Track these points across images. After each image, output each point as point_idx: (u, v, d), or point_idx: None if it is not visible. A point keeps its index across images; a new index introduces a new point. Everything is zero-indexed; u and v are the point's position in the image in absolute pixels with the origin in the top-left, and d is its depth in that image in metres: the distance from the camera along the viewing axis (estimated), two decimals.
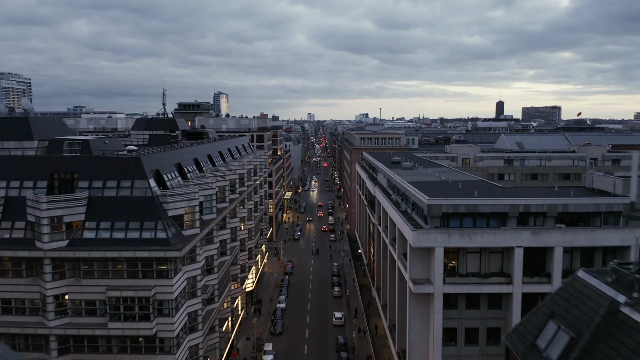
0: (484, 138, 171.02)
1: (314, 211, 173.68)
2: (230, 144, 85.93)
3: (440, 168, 69.40)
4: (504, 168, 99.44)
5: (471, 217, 43.31)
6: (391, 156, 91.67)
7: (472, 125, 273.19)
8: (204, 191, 51.69)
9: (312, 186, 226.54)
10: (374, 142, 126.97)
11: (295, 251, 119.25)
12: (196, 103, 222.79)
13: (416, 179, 57.66)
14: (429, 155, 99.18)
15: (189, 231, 45.58)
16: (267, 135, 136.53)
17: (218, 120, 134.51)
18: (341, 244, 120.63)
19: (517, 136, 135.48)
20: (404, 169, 68.19)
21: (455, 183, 53.70)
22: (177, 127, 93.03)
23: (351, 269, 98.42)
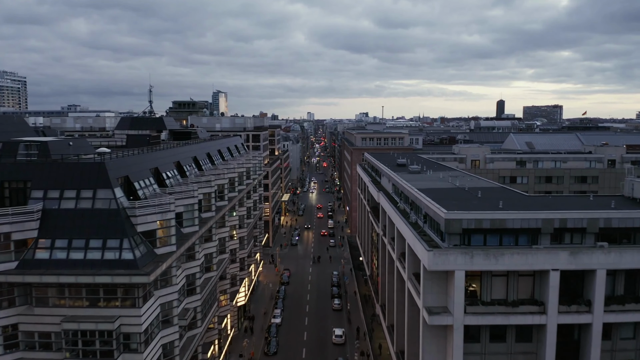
0: (490, 138, 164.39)
1: (313, 214, 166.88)
2: (221, 144, 79.09)
3: (452, 172, 62.60)
4: (517, 170, 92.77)
5: (497, 234, 36.50)
6: (395, 158, 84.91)
7: (475, 124, 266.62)
8: (185, 200, 44.86)
9: (311, 187, 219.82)
10: (376, 142, 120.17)
11: (293, 258, 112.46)
12: (191, 102, 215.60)
13: (426, 185, 50.88)
14: (435, 156, 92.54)
15: (163, 249, 38.76)
16: (263, 134, 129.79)
17: (211, 119, 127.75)
18: (341, 250, 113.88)
19: (526, 136, 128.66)
20: (411, 173, 61.41)
21: (472, 190, 46.87)
22: (164, 126, 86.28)
23: (352, 280, 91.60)
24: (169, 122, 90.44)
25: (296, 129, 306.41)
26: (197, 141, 72.66)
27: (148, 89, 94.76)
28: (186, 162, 57.05)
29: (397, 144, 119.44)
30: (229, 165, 68.96)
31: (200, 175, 57.66)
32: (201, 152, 65.35)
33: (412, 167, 62.22)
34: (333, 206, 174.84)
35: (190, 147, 63.94)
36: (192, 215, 45.78)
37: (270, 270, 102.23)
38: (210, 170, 63.39)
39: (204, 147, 69.06)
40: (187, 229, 45.29)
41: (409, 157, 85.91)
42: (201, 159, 63.77)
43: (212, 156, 69.39)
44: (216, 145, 76.46)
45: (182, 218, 44.75)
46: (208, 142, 74.32)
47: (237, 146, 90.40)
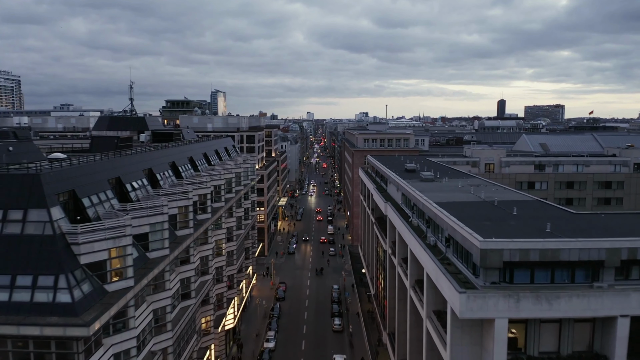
0: (498, 138, 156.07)
1: (312, 219, 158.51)
2: (208, 146, 70.69)
3: (471, 179, 54.24)
4: (535, 175, 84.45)
5: (547, 268, 28.13)
6: (402, 162, 76.62)
7: (479, 124, 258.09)
8: (151, 218, 36.56)
9: (310, 190, 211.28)
10: (379, 144, 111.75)
11: (290, 268, 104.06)
12: (185, 100, 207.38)
13: (445, 197, 42.56)
14: (446, 160, 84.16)
15: (117, 284, 30.41)
16: (258, 135, 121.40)
17: (203, 119, 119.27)
18: (342, 261, 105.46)
19: (539, 136, 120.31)
20: (424, 181, 53.05)
21: (504, 206, 38.50)
22: (146, 126, 78.05)
23: (354, 298, 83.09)
24: (152, 122, 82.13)
25: (295, 129, 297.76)
26: (180, 143, 64.28)
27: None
28: (161, 169, 48.66)
29: (401, 146, 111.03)
30: (216, 170, 60.58)
31: (179, 183, 49.26)
32: (182, 157, 56.97)
33: (424, 174, 53.82)
34: (333, 210, 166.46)
35: (169, 150, 55.54)
36: (161, 237, 37.42)
37: (265, 283, 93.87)
38: (192, 177, 55.00)
39: (187, 151, 60.68)
40: (155, 253, 36.95)
41: (417, 160, 77.64)
42: (182, 164, 55.37)
43: (196, 161, 60.99)
44: (202, 147, 68.09)
45: (147, 240, 36.44)
46: (193, 145, 65.94)
47: (228, 148, 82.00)
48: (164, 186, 45.50)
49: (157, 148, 55.05)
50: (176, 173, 52.40)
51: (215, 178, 57.81)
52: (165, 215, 37.43)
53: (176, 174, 52.21)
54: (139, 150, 49.94)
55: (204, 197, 51.03)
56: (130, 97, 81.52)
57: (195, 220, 48.30)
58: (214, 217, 53.75)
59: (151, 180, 45.95)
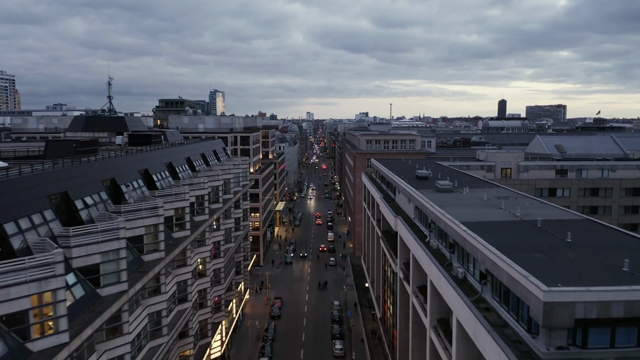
0: (505, 139, 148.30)
1: (311, 223, 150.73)
2: (193, 150, 62.92)
3: (496, 190, 46.36)
4: (557, 181, 76.60)
5: (633, 327, 20.26)
6: (410, 166, 68.94)
7: (483, 124, 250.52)
8: (103, 244, 28.75)
9: (309, 194, 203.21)
10: (383, 145, 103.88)
11: (287, 280, 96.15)
12: (180, 100, 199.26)
13: (471, 215, 34.78)
14: (458, 164, 76.34)
15: (43, 341, 22.62)
16: (254, 136, 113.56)
17: (194, 119, 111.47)
18: (344, 274, 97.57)
19: (554, 138, 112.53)
20: (441, 192, 45.22)
21: (550, 227, 30.62)
22: (126, 126, 70.32)
23: (357, 318, 75.07)
24: (134, 123, 74.33)
25: (294, 130, 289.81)
26: (160, 147, 56.44)
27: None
28: (130, 179, 40.81)
29: (407, 148, 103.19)
30: (199, 178, 52.70)
31: (150, 196, 41.39)
32: (159, 163, 49.14)
33: (441, 184, 45.94)
34: (333, 215, 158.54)
35: (144, 155, 47.74)
36: (116, 267, 29.60)
37: (259, 299, 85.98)
38: (170, 186, 47.13)
39: (166, 155, 52.88)
40: (109, 289, 29.17)
41: (427, 165, 69.87)
42: (158, 171, 47.54)
43: (176, 167, 53.17)
44: (186, 151, 60.29)
45: (98, 274, 28.63)
46: (175, 148, 58.15)
47: (217, 151, 74.17)
48: (130, 200, 37.61)
49: (129, 152, 47.22)
50: (149, 183, 44.55)
51: (198, 187, 50.00)
52: (121, 241, 29.61)
53: (149, 184, 44.36)
54: (105, 156, 42.07)
55: (181, 211, 43.19)
56: (109, 94, 73.74)
57: (169, 240, 40.53)
58: (195, 233, 45.93)
59: (115, 192, 38.15)
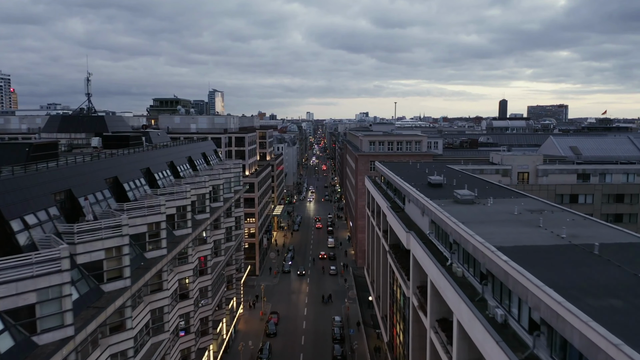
0: (513, 140, 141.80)
1: (311, 227, 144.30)
2: (179, 153, 56.39)
3: (525, 200, 39.77)
4: (579, 186, 70.01)
5: None
6: (418, 170, 62.57)
7: (486, 124, 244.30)
8: (40, 279, 22.19)
9: (308, 196, 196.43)
10: (387, 147, 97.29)
11: (284, 292, 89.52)
12: (175, 99, 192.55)
13: (504, 235, 28.29)
14: (471, 167, 69.80)
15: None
16: (249, 137, 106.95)
17: (185, 119, 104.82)
18: (345, 287, 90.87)
19: (569, 139, 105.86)
20: (461, 203, 38.66)
21: (612, 255, 23.99)
22: (105, 127, 63.79)
23: (361, 340, 68.22)
24: (115, 122, 67.72)
25: (293, 130, 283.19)
26: (138, 150, 49.84)
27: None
28: (95, 189, 34.25)
29: (412, 149, 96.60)
30: (180, 186, 46.06)
31: (117, 209, 34.78)
32: (134, 169, 42.55)
33: (460, 194, 39.32)
34: (333, 219, 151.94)
35: (116, 160, 41.16)
36: (58, 307, 23.04)
37: (254, 313, 79.35)
38: (143, 196, 40.53)
39: (145, 160, 46.31)
40: (46, 336, 22.61)
41: (437, 169, 63.39)
42: (132, 179, 40.96)
43: (156, 173, 46.59)
44: (170, 154, 53.75)
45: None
46: (156, 151, 51.56)
47: (207, 154, 67.61)
48: (88, 217, 30.97)
49: (95, 158, 40.63)
50: (118, 193, 37.96)
51: (180, 196, 43.41)
52: (65, 274, 23.02)
53: (118, 195, 37.77)
54: (64, 161, 35.48)
55: (156, 226, 36.60)
56: (87, 92, 67.07)
57: (141, 262, 33.95)
58: (174, 250, 39.35)
59: (72, 206, 31.57)
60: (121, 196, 37.97)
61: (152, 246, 36.56)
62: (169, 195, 42.48)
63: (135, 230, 34.37)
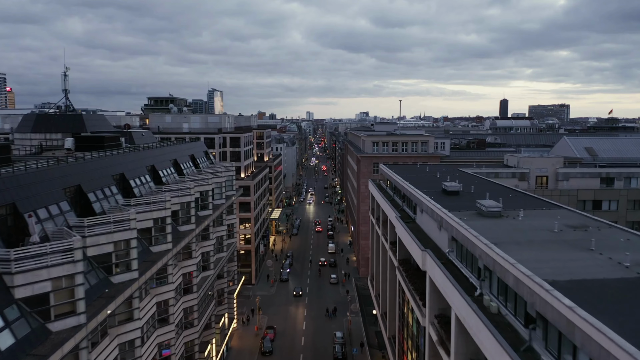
0: (520, 140, 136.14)
1: (311, 230, 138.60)
2: (162, 156, 50.50)
3: (560, 212, 33.90)
4: (602, 192, 64.14)
5: None
6: (428, 173, 56.91)
7: (490, 124, 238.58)
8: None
9: (308, 198, 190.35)
10: (392, 148, 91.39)
11: (281, 303, 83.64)
12: (170, 98, 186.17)
13: (553, 263, 22.60)
14: (485, 171, 63.96)
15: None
16: (245, 137, 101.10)
17: (177, 118, 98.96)
18: (348, 299, 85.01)
19: (583, 139, 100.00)
20: (487, 216, 32.83)
21: None
22: (84, 126, 57.97)
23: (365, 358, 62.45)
24: (94, 121, 61.81)
25: (293, 129, 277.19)
26: (116, 152, 43.92)
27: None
28: (50, 201, 28.39)
29: (419, 150, 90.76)
30: (160, 195, 40.15)
31: (78, 223, 28.90)
32: (103, 176, 36.65)
33: (486, 205, 33.39)
34: (334, 222, 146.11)
35: (76, 167, 35.24)
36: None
37: (248, 329, 73.45)
38: (115, 207, 34.61)
39: (118, 164, 40.42)
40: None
41: (447, 172, 57.63)
42: (100, 187, 35.07)
43: (132, 179, 40.69)
44: (152, 157, 47.85)
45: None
46: (136, 154, 45.68)
47: (197, 156, 61.72)
48: (34, 238, 25.04)
49: (54, 163, 34.74)
50: (82, 205, 32.09)
51: (158, 206, 37.54)
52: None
53: (82, 208, 31.91)
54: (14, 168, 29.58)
55: (123, 245, 30.73)
56: (64, 88, 61.08)
57: (105, 289, 28.13)
58: (149, 272, 33.49)
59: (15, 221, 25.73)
60: (86, 209, 32.11)
61: (120, 269, 30.70)
62: (144, 206, 36.65)
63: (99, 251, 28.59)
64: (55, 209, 28.70)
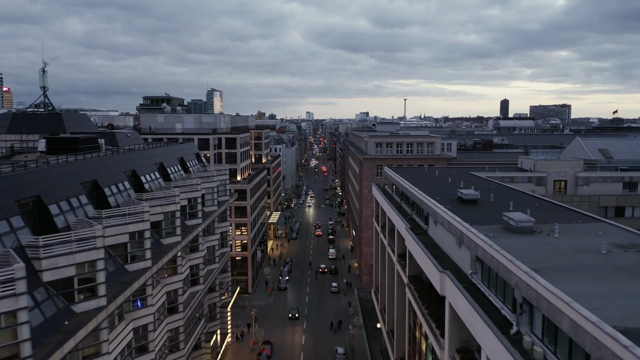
0: (527, 141, 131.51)
1: (310, 234, 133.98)
2: (145, 159, 45.68)
3: (599, 227, 29.09)
4: (625, 197, 59.32)
5: None
6: (437, 177, 52.17)
7: (494, 124, 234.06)
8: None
9: (308, 201, 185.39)
10: (396, 150, 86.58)
11: (279, 314, 78.83)
12: (167, 97, 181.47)
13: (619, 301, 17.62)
14: (499, 175, 59.17)
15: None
16: (242, 138, 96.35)
17: (170, 118, 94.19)
18: (350, 311, 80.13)
19: (597, 140, 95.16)
20: (517, 232, 28.07)
21: None
22: (63, 127, 53.33)
23: None
24: (75, 122, 57.05)
25: (292, 130, 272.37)
26: (92, 155, 39.10)
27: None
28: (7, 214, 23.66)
29: (425, 152, 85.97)
30: (138, 205, 35.29)
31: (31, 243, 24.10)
32: (71, 184, 31.82)
33: (515, 218, 28.57)
34: (334, 226, 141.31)
35: (38, 174, 30.43)
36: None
37: (244, 344, 68.67)
38: (80, 222, 29.74)
39: (92, 170, 35.59)
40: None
41: (460, 176, 52.94)
42: (63, 198, 30.23)
43: (106, 187, 35.85)
44: (134, 161, 43.02)
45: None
46: (114, 157, 40.85)
47: (186, 159, 56.91)
48: None
49: (27, 167, 29.94)
50: (42, 219, 27.29)
51: (134, 218, 32.70)
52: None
53: (42, 222, 27.12)
54: None
55: (89, 265, 25.96)
56: (42, 85, 56.33)
57: (67, 319, 23.34)
58: (120, 297, 28.68)
59: None
60: (45, 224, 27.30)
61: (83, 295, 25.90)
62: (119, 218, 31.83)
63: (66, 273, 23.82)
64: (4, 227, 23.87)
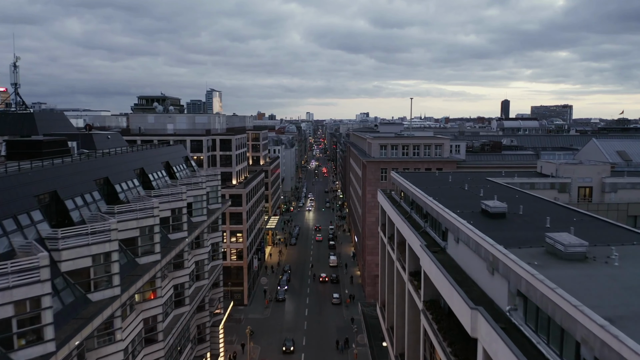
0: (535, 142, 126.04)
1: (310, 239, 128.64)
2: (121, 165, 40.22)
3: None
4: None
5: None
6: (451, 183, 46.88)
7: (497, 125, 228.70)
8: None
9: (307, 204, 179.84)
10: (402, 152, 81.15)
11: (277, 329, 73.32)
12: (162, 97, 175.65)
13: None
14: (519, 180, 53.85)
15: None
16: (237, 140, 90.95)
17: (161, 118, 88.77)
18: (353, 328, 74.63)
19: (615, 142, 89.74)
20: (567, 259, 22.64)
21: None
22: (34, 127, 47.82)
23: None
24: (48, 122, 51.53)
25: (292, 130, 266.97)
26: (59, 160, 33.67)
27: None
28: None
29: (432, 155, 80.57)
30: (105, 222, 29.77)
31: None
32: (23, 196, 26.37)
33: (565, 242, 23.13)
34: (335, 230, 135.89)
35: None
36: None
37: None
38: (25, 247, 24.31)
39: (49, 180, 30.10)
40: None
41: (477, 182, 47.62)
42: (14, 214, 24.78)
43: (70, 199, 30.37)
44: (108, 167, 37.56)
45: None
46: (83, 164, 35.36)
47: (172, 163, 51.45)
48: None
49: None
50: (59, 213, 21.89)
51: (100, 237, 27.24)
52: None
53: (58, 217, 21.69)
54: None
55: (33, 303, 20.46)
56: (14, 81, 50.95)
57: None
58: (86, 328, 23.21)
59: None
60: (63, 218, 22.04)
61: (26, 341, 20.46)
62: (81, 237, 26.38)
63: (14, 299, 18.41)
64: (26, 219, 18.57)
